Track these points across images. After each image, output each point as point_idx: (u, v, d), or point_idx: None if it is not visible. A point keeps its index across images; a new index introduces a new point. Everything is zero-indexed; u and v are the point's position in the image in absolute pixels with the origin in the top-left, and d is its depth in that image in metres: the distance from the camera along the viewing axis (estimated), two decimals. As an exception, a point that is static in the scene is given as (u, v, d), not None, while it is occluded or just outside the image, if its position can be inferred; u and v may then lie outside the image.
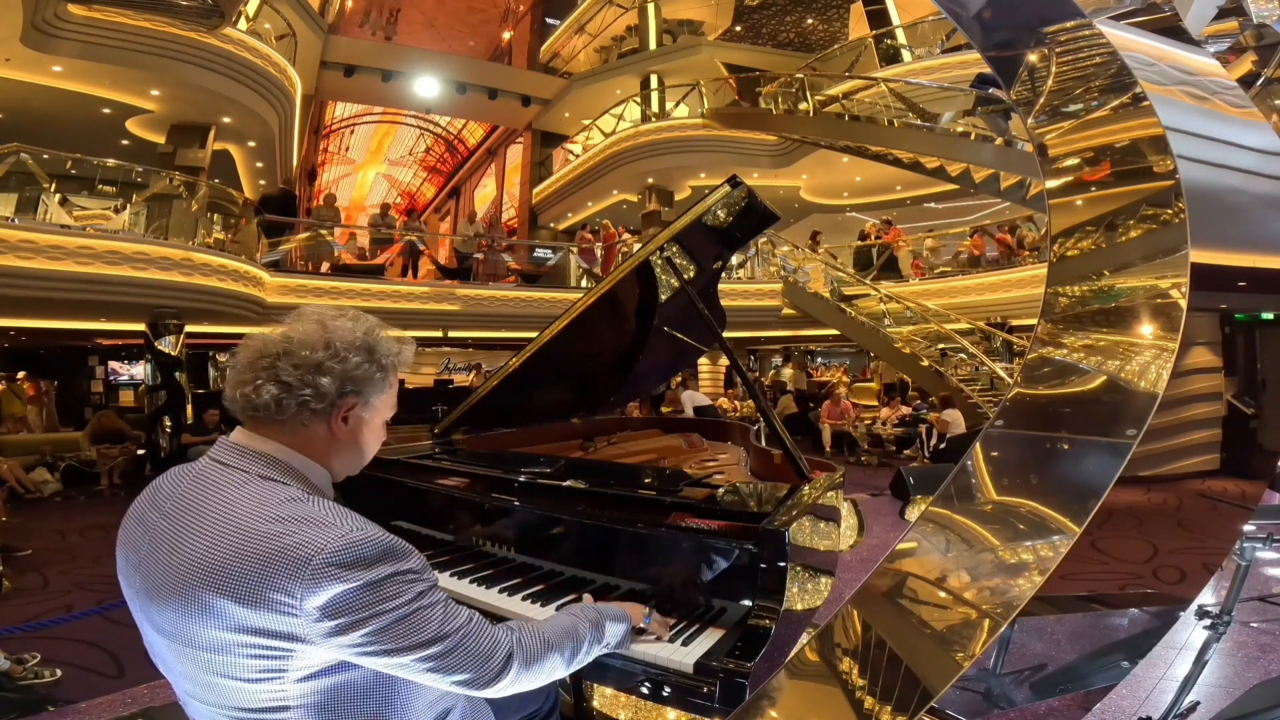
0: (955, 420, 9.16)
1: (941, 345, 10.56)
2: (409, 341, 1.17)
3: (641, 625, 1.37)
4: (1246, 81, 5.51)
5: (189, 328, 8.83)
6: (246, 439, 1.04)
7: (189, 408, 8.79)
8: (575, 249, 12.92)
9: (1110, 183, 1.51)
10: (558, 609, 1.55)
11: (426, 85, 16.20)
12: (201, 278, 7.95)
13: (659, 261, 2.37)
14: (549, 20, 18.75)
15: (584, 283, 12.53)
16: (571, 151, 16.89)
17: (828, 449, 10.58)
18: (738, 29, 17.19)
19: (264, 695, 0.93)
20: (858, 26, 15.26)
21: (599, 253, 12.38)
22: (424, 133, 23.84)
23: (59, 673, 3.12)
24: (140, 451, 8.40)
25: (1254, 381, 1.45)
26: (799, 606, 1.45)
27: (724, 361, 14.63)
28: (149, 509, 1.03)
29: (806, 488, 1.70)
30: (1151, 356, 1.25)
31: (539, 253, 14.46)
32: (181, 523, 0.96)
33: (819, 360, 19.94)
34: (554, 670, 1.14)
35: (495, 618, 1.56)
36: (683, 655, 1.34)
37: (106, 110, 9.66)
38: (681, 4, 16.63)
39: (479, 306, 11.29)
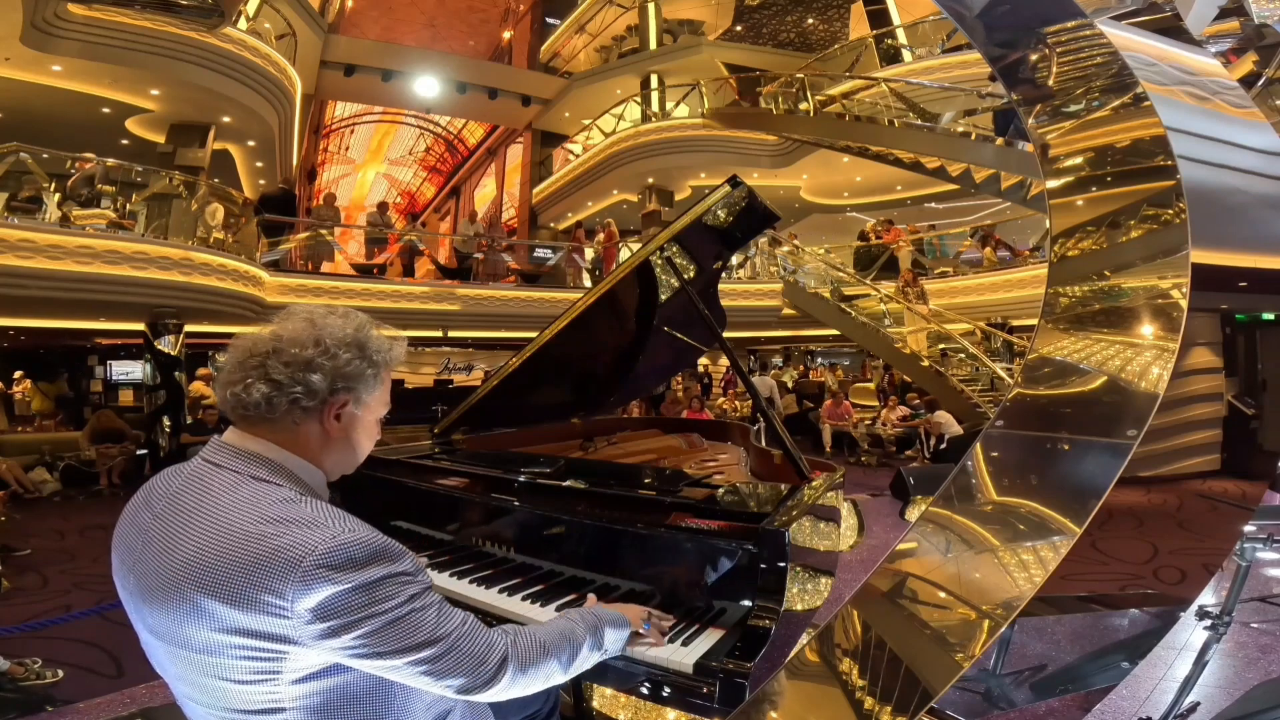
0: (946, 421, 9.18)
1: (942, 345, 10.55)
2: (400, 339, 1.17)
3: (640, 630, 1.35)
4: (1248, 81, 5.52)
5: (188, 327, 8.82)
6: (238, 439, 1.03)
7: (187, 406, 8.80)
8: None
9: (1111, 183, 1.51)
10: (557, 610, 1.54)
11: (426, 85, 16.20)
12: (201, 277, 7.94)
13: (659, 261, 2.37)
14: (549, 20, 18.74)
15: (584, 282, 12.54)
16: (571, 151, 16.88)
17: (828, 449, 10.58)
18: (738, 29, 17.19)
19: (259, 697, 0.93)
20: (858, 26, 15.26)
21: (589, 254, 12.41)
22: (424, 132, 23.84)
23: (60, 674, 3.12)
24: (140, 451, 8.39)
25: (1254, 382, 1.45)
26: (799, 607, 1.45)
27: (724, 361, 14.62)
28: (142, 510, 1.03)
29: (806, 488, 1.70)
30: (1152, 357, 1.25)
31: (539, 253, 14.43)
32: (174, 524, 0.96)
33: (819, 360, 19.92)
34: (551, 676, 1.12)
35: (495, 618, 1.57)
36: (683, 655, 1.34)
37: (106, 110, 9.66)
38: (681, 4, 16.63)
39: (479, 306, 11.27)
